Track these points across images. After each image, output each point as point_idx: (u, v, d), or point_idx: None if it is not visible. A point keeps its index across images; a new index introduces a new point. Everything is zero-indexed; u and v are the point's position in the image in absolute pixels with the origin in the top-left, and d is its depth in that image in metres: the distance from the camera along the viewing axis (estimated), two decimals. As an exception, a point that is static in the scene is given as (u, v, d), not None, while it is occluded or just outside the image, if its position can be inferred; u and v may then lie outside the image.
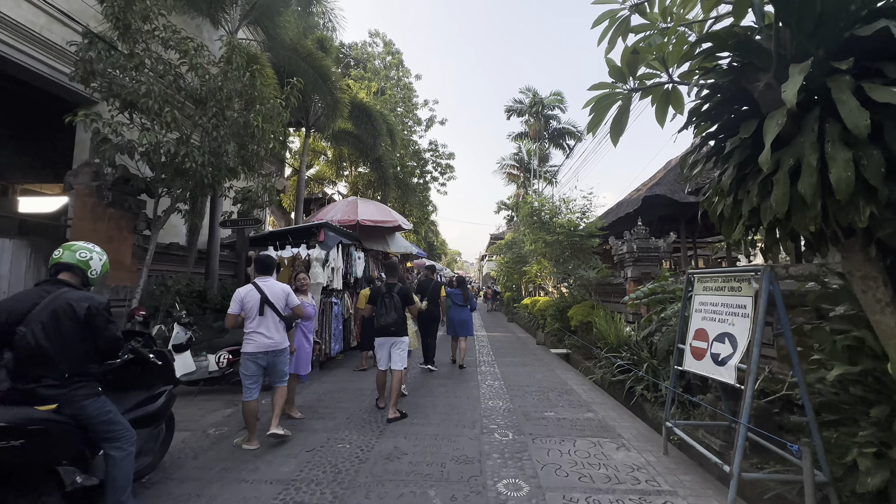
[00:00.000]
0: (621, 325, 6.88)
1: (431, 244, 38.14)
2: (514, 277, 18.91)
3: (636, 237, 7.51)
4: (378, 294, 4.79)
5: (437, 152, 20.59)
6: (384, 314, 4.67)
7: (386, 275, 5.58)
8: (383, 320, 4.65)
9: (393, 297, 4.73)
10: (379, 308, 4.71)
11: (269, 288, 3.93)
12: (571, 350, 8.60)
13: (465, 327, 7.51)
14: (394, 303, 4.70)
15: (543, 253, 10.21)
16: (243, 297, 3.84)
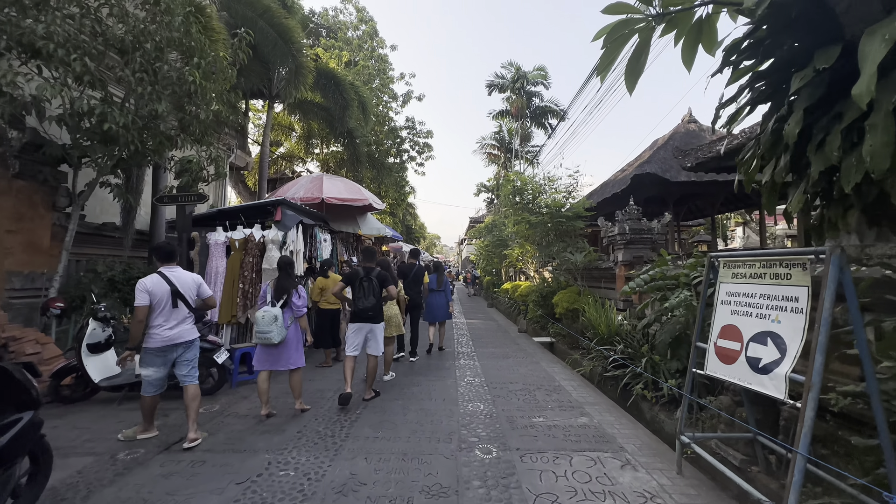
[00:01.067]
0: (613, 313, 6.31)
1: (410, 227, 37.17)
2: (494, 261, 18.33)
3: (628, 217, 6.91)
4: (355, 277, 4.59)
5: (414, 130, 19.53)
6: (361, 298, 4.48)
7: (363, 259, 5.07)
8: (360, 304, 4.46)
9: (371, 280, 4.53)
10: (356, 292, 4.51)
11: (177, 278, 3.49)
12: (556, 339, 8.05)
13: (443, 312, 7.40)
14: (372, 287, 4.51)
15: (526, 235, 9.55)
16: (150, 287, 3.37)
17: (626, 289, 4.64)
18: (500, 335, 9.46)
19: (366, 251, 5.13)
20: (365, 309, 4.49)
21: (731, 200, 12.02)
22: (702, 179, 8.85)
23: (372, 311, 4.51)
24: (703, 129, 10.68)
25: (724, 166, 6.12)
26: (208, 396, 4.76)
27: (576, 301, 7.75)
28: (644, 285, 4.60)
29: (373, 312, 4.52)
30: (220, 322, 6.23)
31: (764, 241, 10.85)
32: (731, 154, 5.62)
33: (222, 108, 6.25)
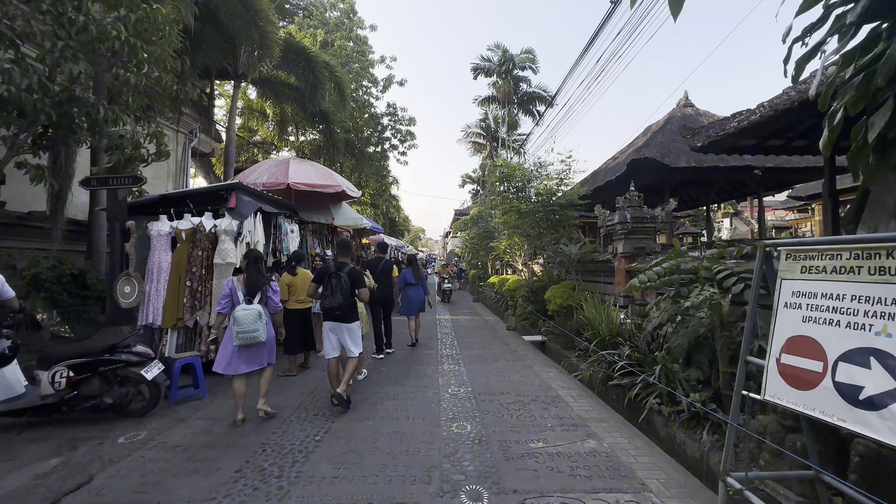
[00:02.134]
0: (615, 311, 5.65)
1: (393, 220, 36.20)
2: (481, 254, 17.63)
3: (629, 204, 6.24)
4: (325, 273, 4.28)
5: (395, 117, 18.57)
6: (329, 296, 4.17)
7: (338, 252, 4.65)
8: (328, 303, 4.17)
9: (341, 277, 4.21)
10: (325, 289, 4.21)
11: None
12: (547, 337, 7.38)
13: (418, 305, 7.38)
14: (341, 284, 4.18)
15: (515, 226, 8.83)
16: None
17: (635, 283, 3.95)
18: (487, 333, 8.77)
19: (340, 245, 4.72)
20: (331, 308, 4.17)
21: (726, 189, 11.56)
22: (702, 165, 8.26)
23: (339, 310, 4.17)
24: (700, 114, 10.11)
25: (739, 146, 5.48)
26: (136, 420, 3.92)
27: (570, 297, 7.08)
28: (657, 279, 3.91)
29: (340, 312, 4.19)
30: (165, 326, 5.36)
31: (764, 231, 10.39)
32: (748, 131, 4.98)
33: (163, 75, 5.30)
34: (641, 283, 3.94)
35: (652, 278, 3.93)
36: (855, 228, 4.72)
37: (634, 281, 4.00)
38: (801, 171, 8.43)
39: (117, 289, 5.04)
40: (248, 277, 3.93)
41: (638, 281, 3.96)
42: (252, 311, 3.73)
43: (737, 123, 5.04)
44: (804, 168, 8.36)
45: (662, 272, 3.95)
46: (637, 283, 3.98)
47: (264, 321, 3.79)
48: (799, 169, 8.37)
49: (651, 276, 3.94)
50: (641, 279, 3.95)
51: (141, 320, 5.41)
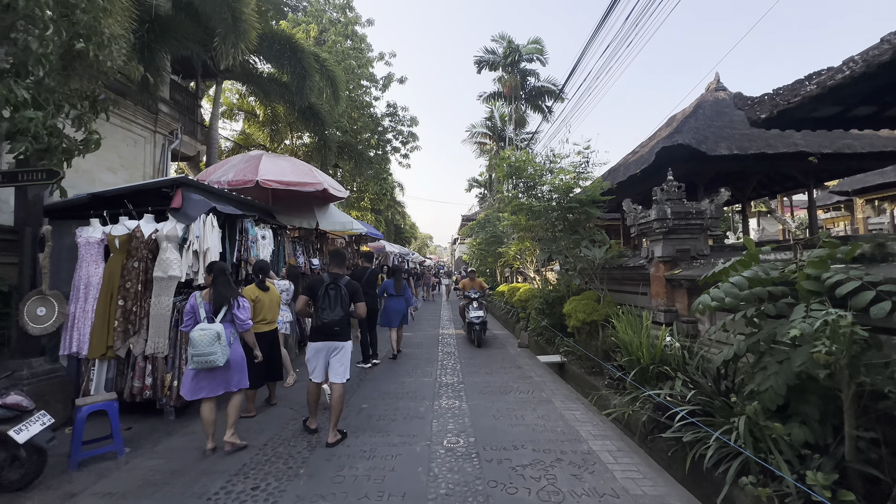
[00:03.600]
0: (659, 331, 4.46)
1: (399, 227, 35.25)
2: (489, 261, 16.48)
3: (668, 197, 5.05)
4: (319, 285, 3.88)
5: (396, 117, 17.60)
6: (328, 310, 3.78)
7: (331, 262, 4.23)
8: (326, 317, 3.76)
9: (340, 289, 3.84)
10: (321, 302, 3.81)
11: None
12: (567, 359, 6.18)
13: (399, 317, 7.26)
14: (340, 297, 3.83)
15: (527, 227, 7.67)
16: None
17: (708, 301, 2.76)
18: (495, 352, 7.58)
19: (334, 254, 4.27)
20: (330, 323, 3.75)
21: (765, 184, 10.25)
22: (746, 153, 7.04)
23: (339, 325, 3.78)
24: (734, 98, 8.87)
25: (814, 117, 4.27)
26: (11, 495, 2.84)
27: (595, 311, 5.88)
28: (739, 294, 2.72)
29: (339, 328, 3.79)
30: (92, 356, 4.31)
31: (816, 229, 9.05)
32: (830, 95, 3.78)
33: (90, 46, 4.28)
34: (718, 302, 2.75)
35: (730, 293, 2.74)
36: None
37: (705, 299, 2.81)
38: (866, 157, 7.15)
39: (25, 311, 4.00)
40: (216, 290, 3.57)
41: (712, 298, 2.77)
42: (209, 331, 3.34)
43: (816, 86, 3.84)
44: (869, 153, 7.08)
45: (746, 284, 2.75)
46: (710, 303, 2.79)
47: (224, 342, 3.39)
48: (862, 154, 7.09)
49: (730, 290, 2.75)
50: (717, 296, 2.76)
51: (63, 349, 4.37)
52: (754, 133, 7.48)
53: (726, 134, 7.41)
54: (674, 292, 4.99)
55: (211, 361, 3.32)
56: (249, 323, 3.71)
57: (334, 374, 3.77)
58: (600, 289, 6.16)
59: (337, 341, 3.80)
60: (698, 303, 2.84)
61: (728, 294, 2.73)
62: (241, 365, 3.66)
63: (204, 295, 3.58)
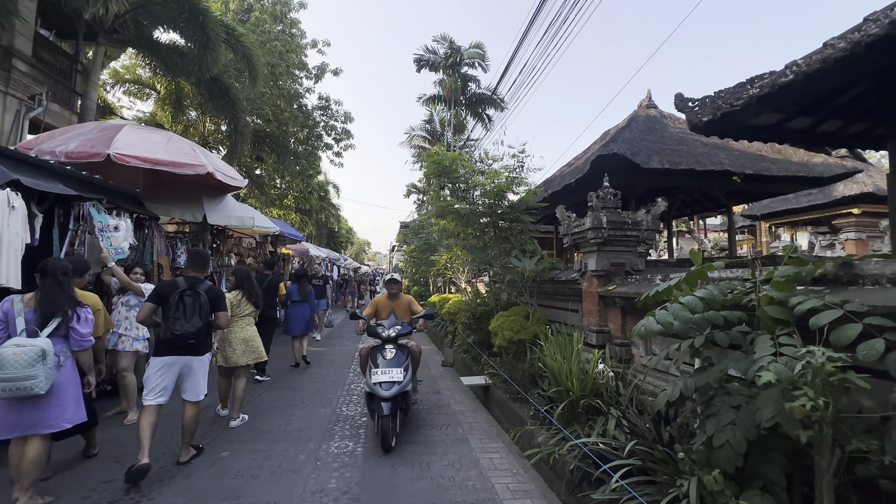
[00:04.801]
0: (591, 355, 3.87)
1: (333, 231, 33.38)
2: (422, 269, 15.66)
3: (604, 205, 4.56)
4: (171, 291, 3.32)
5: (329, 111, 16.33)
6: (181, 319, 3.24)
7: (190, 264, 3.64)
8: (178, 328, 3.21)
9: (199, 296, 3.35)
10: (173, 311, 3.26)
11: None
12: (493, 381, 5.49)
13: (303, 325, 6.93)
14: (199, 304, 3.32)
15: (457, 234, 6.96)
16: None
17: (652, 325, 2.13)
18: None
19: (193, 256, 3.75)
20: (184, 335, 3.22)
21: (688, 203, 10.53)
22: (676, 168, 6.92)
23: (195, 337, 3.29)
24: (664, 116, 8.96)
25: (754, 126, 3.97)
26: None
27: (523, 329, 5.25)
28: (689, 318, 2.11)
29: (196, 340, 3.32)
30: None
31: (735, 249, 9.33)
32: (772, 100, 3.45)
33: None
34: (665, 327, 2.11)
35: (682, 318, 2.11)
36: None
37: (649, 323, 2.17)
38: (781, 180, 7.37)
39: None
40: (43, 296, 2.81)
41: (658, 322, 2.13)
42: (30, 348, 2.58)
43: (759, 89, 3.51)
44: (784, 177, 7.30)
45: (700, 306, 2.14)
46: (654, 327, 2.15)
47: (51, 364, 2.66)
48: (778, 178, 7.30)
49: (680, 314, 2.12)
50: (664, 319, 2.12)
51: None
52: (683, 150, 7.45)
53: (658, 148, 7.30)
54: (607, 311, 4.48)
55: (28, 388, 2.55)
56: (91, 340, 2.96)
57: (189, 393, 3.41)
58: (530, 304, 5.56)
59: (192, 356, 3.37)
60: (640, 327, 2.20)
61: (678, 318, 2.10)
62: (73, 394, 2.87)
63: (26, 301, 2.81)
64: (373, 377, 3.79)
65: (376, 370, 3.83)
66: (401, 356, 4.01)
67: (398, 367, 3.87)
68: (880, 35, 2.67)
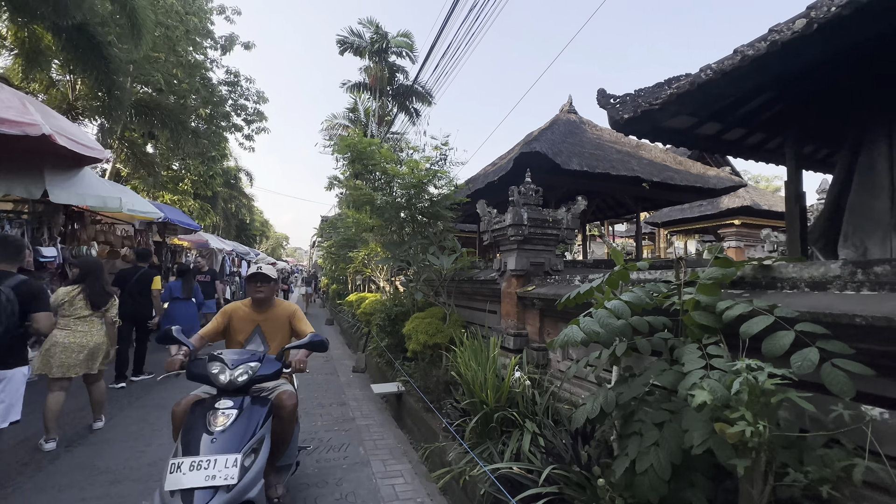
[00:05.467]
0: (508, 360, 3.57)
1: (244, 222, 30.49)
2: (341, 266, 14.71)
3: (525, 201, 4.33)
4: None
5: (238, 87, 14.62)
6: None
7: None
8: None
9: (1, 294, 2.62)
10: None
11: None
12: (406, 388, 5.04)
13: (188, 325, 6.10)
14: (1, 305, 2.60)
15: (371, 227, 6.38)
16: None
17: (575, 336, 1.80)
18: (321, 380, 6.01)
19: None
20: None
21: (601, 208, 11.05)
22: (594, 171, 7.06)
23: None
24: (583, 122, 9.23)
25: (671, 128, 3.98)
26: None
27: (439, 332, 4.86)
28: (614, 326, 1.82)
29: None
30: None
31: (641, 253, 9.88)
32: (688, 101, 3.44)
33: None
34: (590, 336, 1.79)
35: (609, 326, 1.81)
36: (827, 245, 3.46)
37: (572, 332, 1.85)
38: (682, 189, 7.91)
39: None
40: None
41: (582, 330, 1.81)
42: None
43: (676, 89, 3.47)
44: (684, 187, 7.84)
45: (627, 311, 1.86)
46: (577, 336, 1.83)
47: None
48: (679, 187, 7.82)
49: (606, 321, 1.82)
50: (589, 328, 1.80)
51: None
52: (600, 154, 7.66)
53: (578, 151, 7.42)
54: (525, 313, 4.24)
55: None
56: None
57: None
58: (447, 305, 5.18)
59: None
60: (563, 337, 1.87)
61: (604, 325, 1.81)
62: None
63: None
64: (170, 476, 1.78)
65: (180, 460, 1.82)
66: (246, 425, 2.03)
67: (231, 451, 1.88)
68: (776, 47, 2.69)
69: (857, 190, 3.06)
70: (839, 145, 3.34)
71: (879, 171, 2.97)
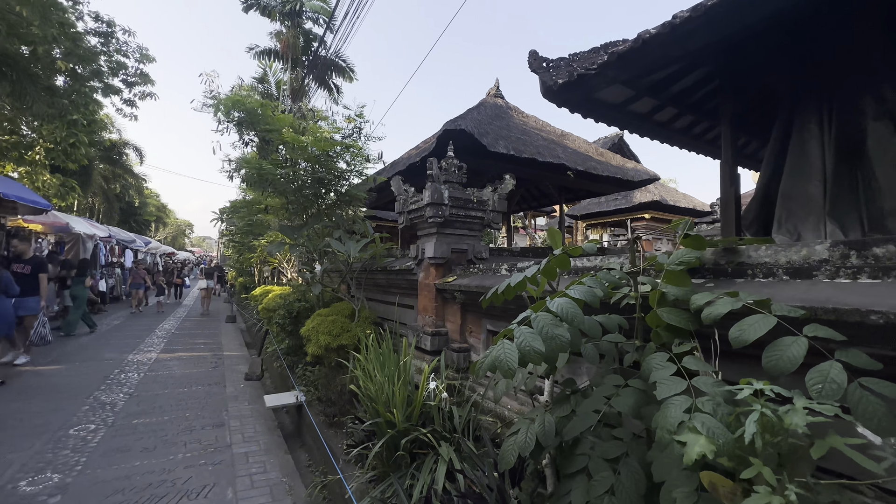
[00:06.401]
0: (425, 369, 2.94)
1: (131, 205, 26.30)
2: (245, 255, 13.06)
3: (446, 177, 3.71)
4: None
5: (112, 39, 12.12)
6: None
7: None
8: None
9: None
10: None
11: None
12: (309, 398, 4.22)
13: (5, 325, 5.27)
14: None
15: (263, 208, 5.35)
16: None
17: (505, 360, 1.22)
18: (201, 393, 4.89)
19: None
20: None
21: (525, 198, 10.93)
22: (521, 155, 6.70)
23: None
24: (510, 108, 8.91)
25: (604, 102, 3.61)
26: None
27: (345, 331, 4.09)
28: (565, 338, 1.26)
29: None
30: None
31: (564, 243, 9.82)
32: (622, 67, 3.06)
33: None
34: (529, 355, 1.19)
35: (555, 339, 1.22)
36: (759, 231, 3.29)
37: (504, 354, 1.21)
38: (603, 179, 7.92)
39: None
40: None
41: (519, 348, 1.20)
42: None
43: (612, 54, 3.07)
44: (606, 178, 7.85)
45: (578, 314, 1.30)
46: (510, 359, 1.21)
47: None
48: (601, 177, 7.82)
49: (552, 330, 1.23)
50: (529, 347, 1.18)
51: None
52: (527, 140, 7.35)
53: (504, 134, 7.01)
54: (445, 307, 3.65)
55: None
56: None
57: None
58: (356, 299, 4.41)
59: None
60: (490, 360, 1.25)
61: (549, 338, 1.22)
62: None
63: None
64: None
65: None
66: None
67: None
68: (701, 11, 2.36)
69: (790, 174, 2.89)
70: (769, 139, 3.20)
71: (811, 154, 2.81)
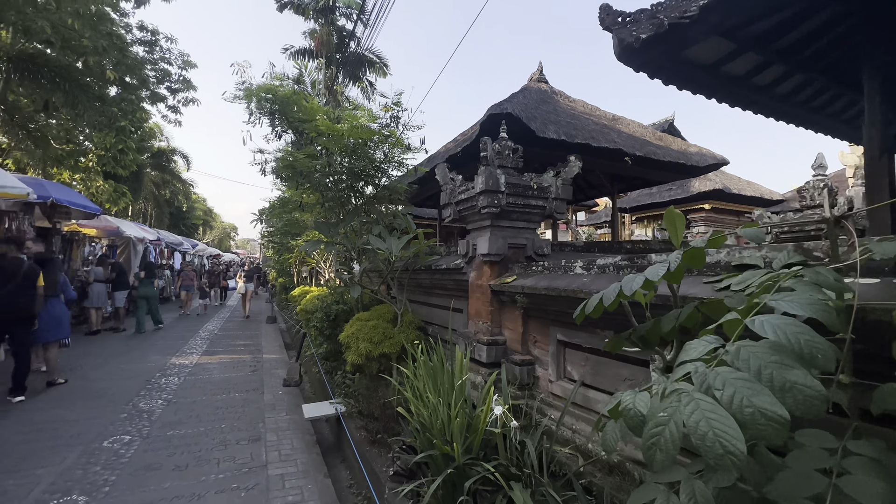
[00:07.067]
0: (486, 385, 2.44)
1: (180, 210, 27.54)
2: (285, 256, 13.09)
3: (501, 162, 3.19)
4: None
5: (157, 48, 12.45)
6: None
7: None
8: None
9: None
10: None
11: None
12: (349, 410, 3.85)
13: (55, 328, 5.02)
14: None
15: (299, 205, 5.05)
16: None
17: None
18: (238, 401, 4.64)
19: None
20: None
21: (581, 188, 10.15)
22: (573, 141, 6.06)
23: None
24: (555, 93, 8.24)
25: (696, 62, 2.96)
26: None
27: (387, 338, 3.67)
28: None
29: None
30: None
31: (618, 237, 9.09)
32: (728, 6, 2.41)
33: None
34: (780, 423, 0.67)
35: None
36: None
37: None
38: (665, 165, 7.12)
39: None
40: None
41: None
42: None
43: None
44: (667, 163, 7.04)
45: (818, 339, 0.76)
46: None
47: None
48: (662, 163, 7.01)
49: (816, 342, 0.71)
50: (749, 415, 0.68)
51: None
52: (577, 124, 6.69)
53: (553, 119, 6.40)
54: (502, 312, 3.14)
55: None
56: None
57: None
58: (398, 301, 3.98)
59: None
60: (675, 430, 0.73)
61: (784, 389, 0.69)
62: None
63: None
64: None
65: None
66: None
67: None
68: None
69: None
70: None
71: None
